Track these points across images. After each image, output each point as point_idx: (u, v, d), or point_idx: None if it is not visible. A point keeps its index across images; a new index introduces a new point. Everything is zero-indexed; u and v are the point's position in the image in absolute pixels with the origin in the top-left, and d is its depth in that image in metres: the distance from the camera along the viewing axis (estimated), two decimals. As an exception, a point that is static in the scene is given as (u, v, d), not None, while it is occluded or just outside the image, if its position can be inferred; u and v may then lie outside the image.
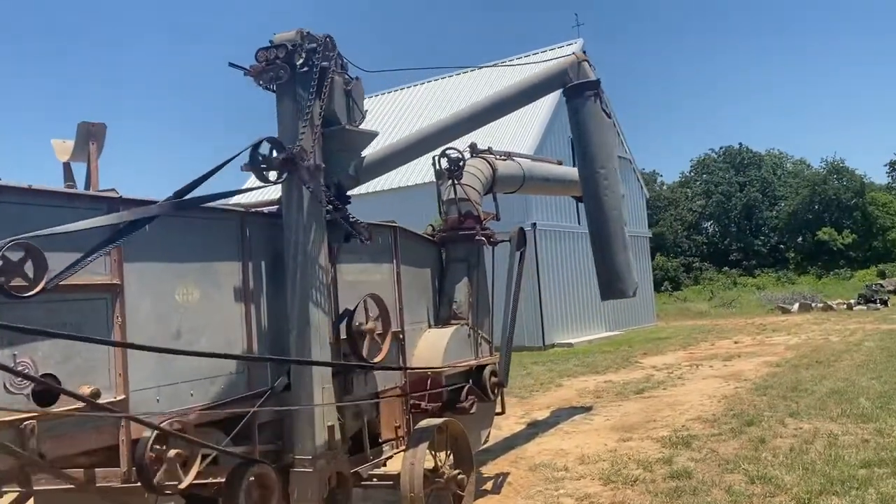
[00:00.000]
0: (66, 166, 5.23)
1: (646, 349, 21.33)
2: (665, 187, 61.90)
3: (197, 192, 4.72)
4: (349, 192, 5.85)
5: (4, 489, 3.90)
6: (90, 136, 5.01)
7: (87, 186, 5.01)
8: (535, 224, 23.76)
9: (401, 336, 6.62)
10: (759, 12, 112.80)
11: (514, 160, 9.08)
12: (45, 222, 3.84)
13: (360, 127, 5.84)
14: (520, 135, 24.37)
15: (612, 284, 8.15)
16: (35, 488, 3.99)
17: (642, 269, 30.90)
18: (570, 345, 23.98)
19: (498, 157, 8.75)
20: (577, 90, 7.46)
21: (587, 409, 12.19)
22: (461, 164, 7.72)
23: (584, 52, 7.48)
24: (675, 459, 8.35)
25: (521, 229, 8.18)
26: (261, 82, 5.36)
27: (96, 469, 4.15)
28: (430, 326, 7.22)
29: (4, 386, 3.65)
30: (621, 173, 8.59)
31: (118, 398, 4.17)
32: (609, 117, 7.60)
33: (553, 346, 23.90)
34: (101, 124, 5.08)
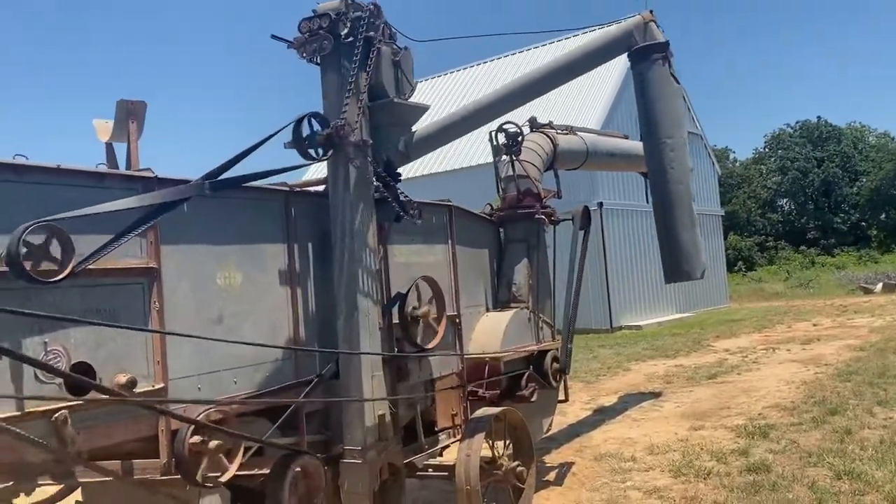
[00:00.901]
0: (109, 146, 5.09)
1: (718, 332, 20.51)
2: (738, 164, 59.78)
3: (237, 171, 4.49)
4: (399, 169, 5.55)
5: (40, 482, 3.75)
6: (130, 115, 4.84)
7: (128, 166, 4.85)
8: (601, 203, 23.12)
9: (457, 320, 6.32)
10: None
11: (576, 134, 8.64)
12: (74, 204, 3.66)
13: (410, 100, 5.52)
14: (583, 114, 23.68)
15: (677, 266, 7.45)
16: (70, 481, 3.84)
17: (714, 249, 29.86)
18: (638, 327, 23.34)
19: (559, 131, 8.33)
20: (643, 53, 6.90)
21: (656, 395, 11.70)
22: (520, 139, 7.34)
23: (652, 12, 6.84)
24: (752, 451, 7.85)
25: (586, 208, 7.76)
26: (304, 55, 5.09)
27: (134, 461, 3.98)
28: (487, 310, 6.90)
29: (35, 375, 3.51)
30: (691, 149, 7.98)
31: (157, 387, 4.00)
32: (678, 83, 7.02)
33: (621, 328, 23.32)
34: (142, 102, 4.90)
